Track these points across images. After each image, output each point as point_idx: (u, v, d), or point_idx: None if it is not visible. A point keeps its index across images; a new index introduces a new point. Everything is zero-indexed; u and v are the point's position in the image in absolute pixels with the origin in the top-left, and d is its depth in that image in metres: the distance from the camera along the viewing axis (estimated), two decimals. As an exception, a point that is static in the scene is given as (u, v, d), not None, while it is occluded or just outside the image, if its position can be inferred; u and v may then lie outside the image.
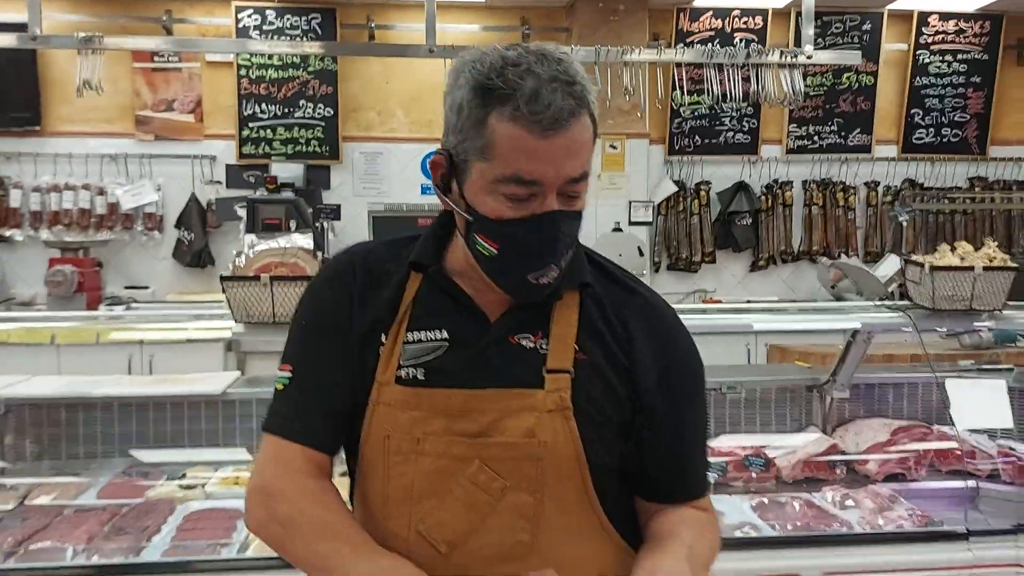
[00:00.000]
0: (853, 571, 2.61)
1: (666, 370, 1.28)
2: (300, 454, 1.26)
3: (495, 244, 1.20)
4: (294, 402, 1.28)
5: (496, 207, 1.17)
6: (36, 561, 2.44)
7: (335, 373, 1.27)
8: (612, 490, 1.27)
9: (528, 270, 1.20)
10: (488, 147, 1.15)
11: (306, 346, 1.30)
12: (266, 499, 1.24)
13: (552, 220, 1.17)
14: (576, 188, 1.18)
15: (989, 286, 2.95)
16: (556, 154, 1.13)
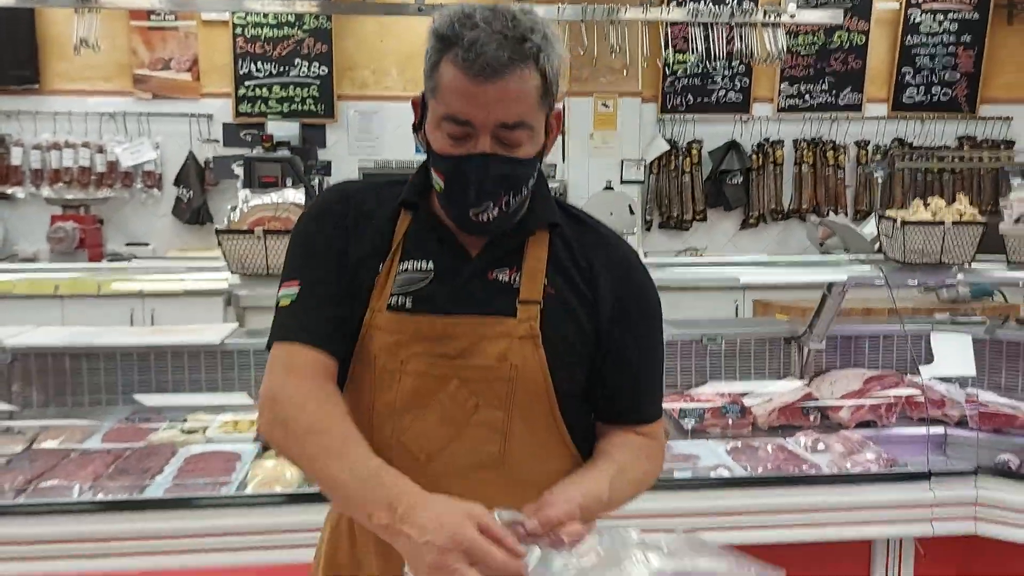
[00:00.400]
0: (819, 509, 2.74)
1: (621, 300, 1.39)
2: (307, 357, 1.34)
3: (441, 177, 1.33)
4: (301, 311, 1.36)
5: (441, 143, 1.30)
6: (45, 497, 2.57)
7: (339, 286, 1.37)
8: (574, 411, 1.40)
9: (468, 206, 1.31)
10: (436, 88, 1.28)
11: (310, 263, 1.39)
12: (272, 403, 1.33)
13: (483, 160, 1.28)
14: (511, 135, 1.28)
15: (958, 240, 3.04)
16: (486, 99, 1.24)
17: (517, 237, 1.39)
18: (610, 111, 6.38)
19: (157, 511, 2.51)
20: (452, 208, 1.35)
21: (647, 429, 1.45)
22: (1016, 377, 3.50)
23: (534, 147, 1.32)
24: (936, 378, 3.35)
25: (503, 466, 1.34)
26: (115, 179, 6.03)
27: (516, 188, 1.32)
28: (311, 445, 1.27)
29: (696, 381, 3.48)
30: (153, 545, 2.48)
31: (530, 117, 1.29)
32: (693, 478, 2.78)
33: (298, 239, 1.44)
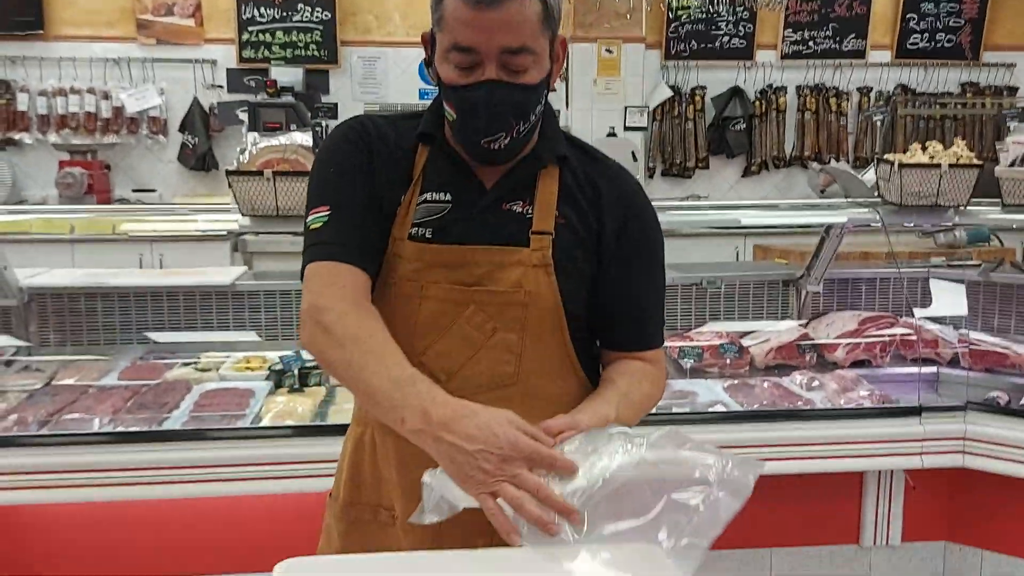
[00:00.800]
0: (813, 443, 2.83)
1: (626, 230, 1.46)
2: (344, 272, 1.37)
3: (453, 108, 1.38)
4: (333, 232, 1.39)
5: (450, 74, 1.35)
6: (67, 429, 2.68)
7: (366, 210, 1.41)
8: (581, 337, 1.48)
9: (479, 135, 1.37)
10: (441, 19, 1.32)
11: (339, 187, 1.42)
12: (315, 312, 1.34)
13: (491, 87, 1.32)
14: (516, 60, 1.32)
15: (954, 183, 3.08)
16: (489, 25, 1.28)
17: (529, 170, 1.44)
18: (614, 57, 6.37)
19: (177, 442, 2.62)
20: (464, 137, 1.40)
21: (649, 355, 1.52)
22: (1009, 318, 3.57)
23: (540, 73, 1.36)
24: (930, 319, 3.43)
25: (517, 384, 1.42)
26: (121, 125, 6.06)
27: (524, 115, 1.37)
28: (351, 351, 1.31)
29: (696, 323, 3.55)
30: (173, 474, 2.59)
31: (533, 42, 1.33)
32: (691, 412, 2.87)
33: (322, 166, 1.47)
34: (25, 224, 2.94)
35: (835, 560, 3.14)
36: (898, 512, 3.11)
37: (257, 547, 2.84)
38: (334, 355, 1.33)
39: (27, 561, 2.82)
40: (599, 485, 1.13)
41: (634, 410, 1.43)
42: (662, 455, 1.16)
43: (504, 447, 1.17)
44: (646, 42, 6.48)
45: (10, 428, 2.66)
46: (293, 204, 2.86)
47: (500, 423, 1.19)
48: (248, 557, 2.88)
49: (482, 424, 1.19)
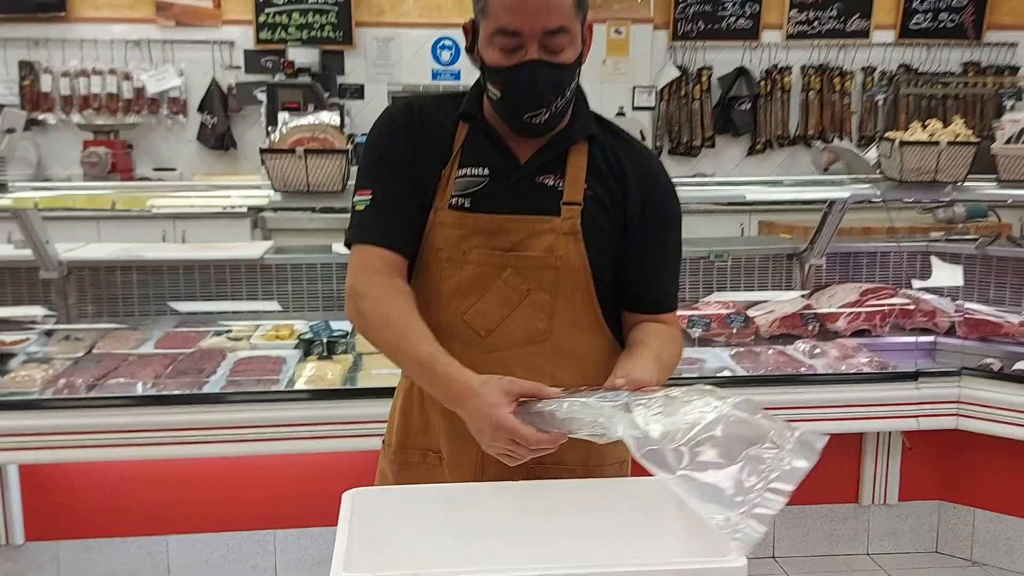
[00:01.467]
0: (814, 406, 2.99)
1: (647, 203, 1.61)
2: (379, 256, 1.55)
3: (498, 88, 1.52)
4: (373, 215, 1.57)
5: (494, 57, 1.50)
6: (114, 392, 2.85)
7: (406, 193, 1.58)
8: (607, 299, 1.63)
9: (523, 110, 1.51)
10: (485, 7, 1.47)
11: (381, 173, 1.60)
12: (353, 296, 1.56)
13: (533, 66, 1.47)
14: (554, 41, 1.47)
15: (952, 160, 3.21)
16: (531, 9, 1.44)
17: (561, 146, 1.59)
18: (622, 37, 6.49)
19: (219, 404, 2.79)
20: (509, 113, 1.55)
21: (668, 317, 1.67)
22: (1004, 290, 3.72)
23: (574, 53, 1.52)
24: (928, 291, 3.58)
25: (549, 340, 1.57)
26: (142, 105, 6.17)
27: (561, 91, 1.52)
28: (382, 334, 1.54)
29: (704, 295, 3.69)
30: (214, 435, 2.76)
31: (569, 23, 1.48)
32: (699, 377, 3.02)
33: (370, 150, 1.63)
34: (69, 200, 3.07)
35: (835, 518, 3.31)
36: (895, 472, 3.27)
37: (292, 503, 3.04)
38: (371, 336, 1.56)
39: (78, 517, 3.00)
40: (688, 431, 1.26)
41: (667, 369, 1.58)
42: (743, 417, 1.28)
43: (490, 428, 1.37)
44: (654, 23, 6.61)
45: (60, 391, 2.83)
46: (323, 180, 3.01)
47: (485, 408, 1.37)
48: (286, 512, 3.06)
49: (476, 407, 1.39)
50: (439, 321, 1.56)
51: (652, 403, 1.31)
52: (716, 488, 1.22)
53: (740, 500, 1.21)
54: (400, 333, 1.50)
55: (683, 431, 1.26)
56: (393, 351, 1.53)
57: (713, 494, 1.22)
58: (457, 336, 1.56)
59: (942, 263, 3.70)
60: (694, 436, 1.25)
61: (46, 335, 3.32)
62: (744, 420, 1.28)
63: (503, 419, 1.35)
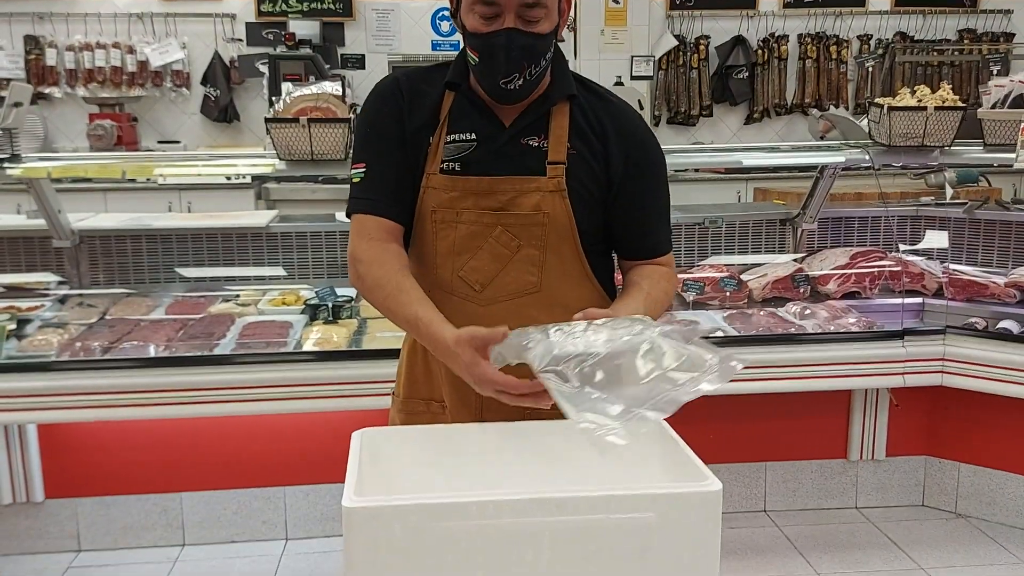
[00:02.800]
0: (804, 364, 3.08)
1: (629, 155, 1.70)
2: (375, 223, 1.66)
3: (476, 53, 1.62)
4: (368, 187, 1.69)
5: (474, 23, 1.59)
6: (129, 355, 2.95)
7: (397, 163, 1.68)
8: (595, 251, 1.73)
9: (498, 75, 1.61)
10: None
11: (372, 147, 1.70)
12: (353, 262, 1.68)
13: (509, 34, 1.57)
14: (531, 12, 1.56)
15: (939, 125, 3.28)
16: None
17: (543, 108, 1.68)
18: (620, 7, 6.53)
19: (230, 365, 2.89)
20: (485, 78, 1.64)
21: (662, 260, 1.78)
22: (991, 253, 3.80)
23: (549, 24, 1.61)
24: (916, 253, 3.67)
25: (540, 292, 1.68)
26: (146, 79, 6.25)
27: (536, 60, 1.61)
28: (376, 296, 1.65)
29: (699, 260, 3.78)
30: (226, 394, 2.86)
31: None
32: (693, 337, 3.12)
33: (362, 126, 1.75)
34: (80, 170, 3.16)
35: (824, 473, 3.43)
36: (883, 428, 3.38)
37: (301, 460, 3.16)
38: (369, 297, 1.67)
39: (95, 475, 3.12)
40: (597, 353, 1.34)
41: (657, 305, 1.68)
42: (669, 343, 1.35)
43: (476, 383, 1.47)
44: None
45: (77, 354, 2.94)
46: (326, 149, 3.09)
47: (464, 368, 1.47)
48: (295, 470, 3.18)
49: (458, 365, 1.49)
50: (436, 278, 1.67)
51: (575, 329, 1.39)
52: (602, 400, 1.28)
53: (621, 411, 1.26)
54: (391, 294, 1.61)
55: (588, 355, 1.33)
56: (387, 311, 1.65)
57: (594, 404, 1.28)
58: (454, 292, 1.67)
59: (931, 227, 3.79)
60: (597, 355, 1.33)
61: (60, 302, 3.41)
62: (660, 346, 1.33)
63: (483, 375, 1.44)
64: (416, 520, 1.20)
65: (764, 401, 3.25)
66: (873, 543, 3.20)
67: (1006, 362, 3.02)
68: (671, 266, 1.80)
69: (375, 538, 1.20)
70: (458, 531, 1.20)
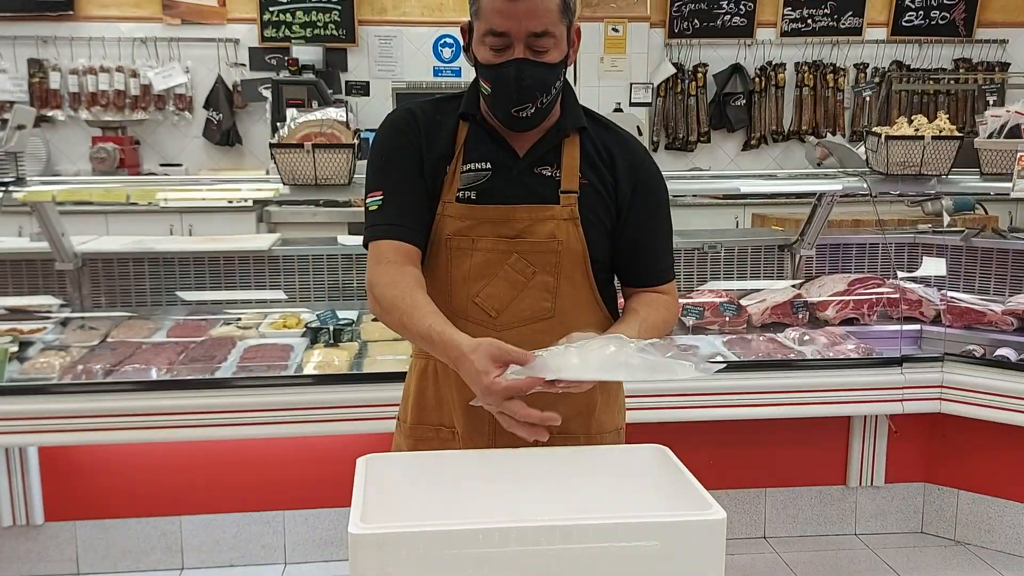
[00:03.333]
0: (804, 390, 3.09)
1: (636, 185, 1.74)
2: (392, 248, 1.67)
3: (488, 84, 1.65)
4: (386, 213, 1.70)
5: (485, 55, 1.63)
6: (130, 378, 2.96)
7: (415, 189, 1.71)
8: (603, 279, 1.76)
9: (510, 104, 1.64)
10: (479, 11, 1.60)
11: (389, 174, 1.72)
12: (370, 288, 1.69)
13: (519, 64, 1.60)
14: (539, 43, 1.60)
15: (937, 153, 3.32)
16: (519, 13, 1.57)
17: (555, 139, 1.72)
18: (620, 35, 6.60)
19: (232, 389, 2.90)
20: (498, 107, 1.67)
21: (664, 288, 1.81)
22: (989, 280, 3.83)
23: (559, 54, 1.64)
24: (914, 281, 3.69)
25: (553, 318, 1.70)
26: (148, 102, 6.29)
27: (546, 88, 1.65)
28: (393, 316, 1.64)
29: (698, 285, 3.79)
30: (227, 418, 2.86)
31: (554, 27, 1.61)
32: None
33: (376, 154, 1.76)
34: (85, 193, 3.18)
35: (824, 499, 3.43)
36: (882, 455, 3.39)
37: (301, 485, 3.16)
38: (386, 319, 1.67)
39: (95, 498, 3.12)
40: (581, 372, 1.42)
41: (652, 331, 1.70)
42: (646, 358, 1.41)
43: (481, 392, 1.46)
44: (650, 21, 6.73)
45: (78, 377, 2.95)
46: (330, 174, 3.12)
47: (474, 373, 1.47)
48: (294, 494, 3.18)
49: (468, 370, 1.48)
50: (451, 305, 1.69)
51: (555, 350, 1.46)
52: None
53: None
54: (406, 311, 1.62)
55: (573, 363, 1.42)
56: (402, 328, 1.65)
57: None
58: (469, 317, 1.69)
59: (928, 254, 3.82)
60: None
61: (62, 324, 3.42)
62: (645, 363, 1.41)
63: (491, 385, 1.44)
64: (422, 547, 1.21)
65: (763, 427, 3.26)
66: (872, 570, 3.20)
67: (1004, 390, 3.04)
68: (672, 295, 1.83)
69: (381, 565, 1.21)
70: (464, 559, 1.21)
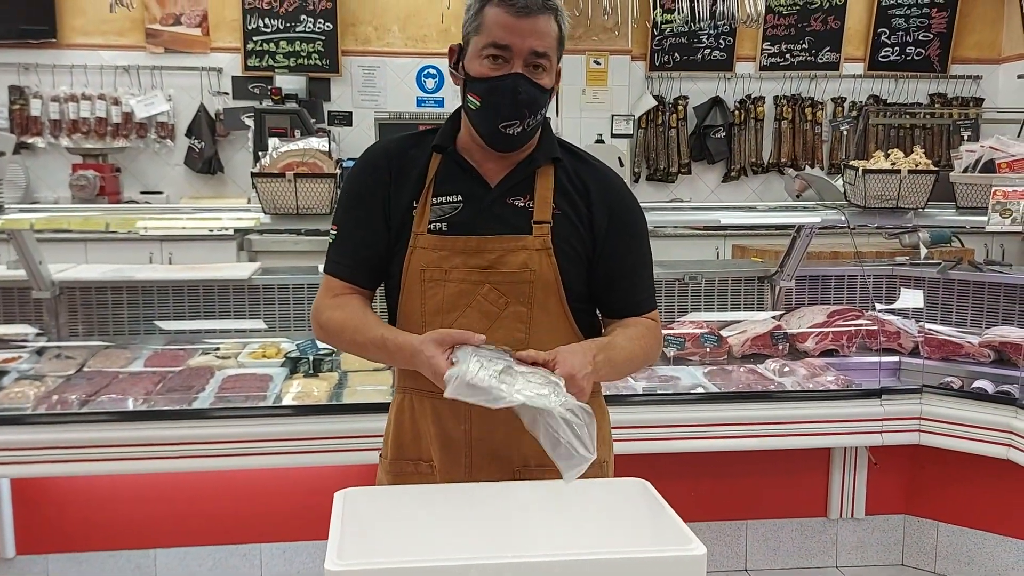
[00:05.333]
0: (783, 421, 3.10)
1: (612, 215, 1.75)
2: (339, 284, 1.76)
3: (478, 97, 1.66)
4: (336, 250, 1.77)
5: (481, 68, 1.64)
6: (106, 408, 2.92)
7: (372, 229, 1.74)
8: (579, 308, 1.76)
9: (499, 119, 1.65)
10: (480, 26, 1.63)
11: (348, 212, 1.77)
12: (315, 314, 1.76)
13: (516, 78, 1.63)
14: (539, 61, 1.63)
15: (913, 187, 3.36)
16: (523, 31, 1.60)
17: (528, 169, 1.73)
18: (601, 68, 6.68)
19: (206, 420, 2.86)
20: (485, 122, 1.68)
21: (649, 316, 1.81)
22: (965, 313, 3.86)
23: (549, 80, 1.68)
24: (892, 313, 3.72)
25: (527, 348, 1.68)
26: (130, 130, 6.26)
27: (535, 110, 1.67)
28: (343, 336, 1.72)
29: (679, 315, 3.82)
30: (205, 449, 2.83)
31: (551, 52, 1.65)
32: (673, 393, 3.14)
33: (344, 189, 1.81)
34: (63, 221, 3.16)
35: (805, 532, 3.43)
36: (862, 487, 3.39)
37: (278, 517, 3.13)
38: (335, 342, 1.78)
39: (68, 530, 3.07)
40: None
41: (617, 349, 1.69)
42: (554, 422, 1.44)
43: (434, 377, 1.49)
44: (632, 54, 6.81)
45: (53, 407, 2.91)
46: (312, 203, 3.12)
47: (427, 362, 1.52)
48: (272, 527, 3.14)
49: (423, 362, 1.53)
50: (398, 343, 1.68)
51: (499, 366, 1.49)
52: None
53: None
54: (357, 327, 1.68)
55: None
56: (356, 347, 1.71)
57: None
58: None
59: (906, 286, 3.85)
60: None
61: (38, 353, 3.38)
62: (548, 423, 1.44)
63: (441, 368, 1.48)
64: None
65: (744, 459, 3.26)
66: (854, 603, 3.19)
67: (982, 422, 3.05)
68: (656, 320, 1.82)
69: (359, 601, 1.19)
70: (442, 594, 1.20)
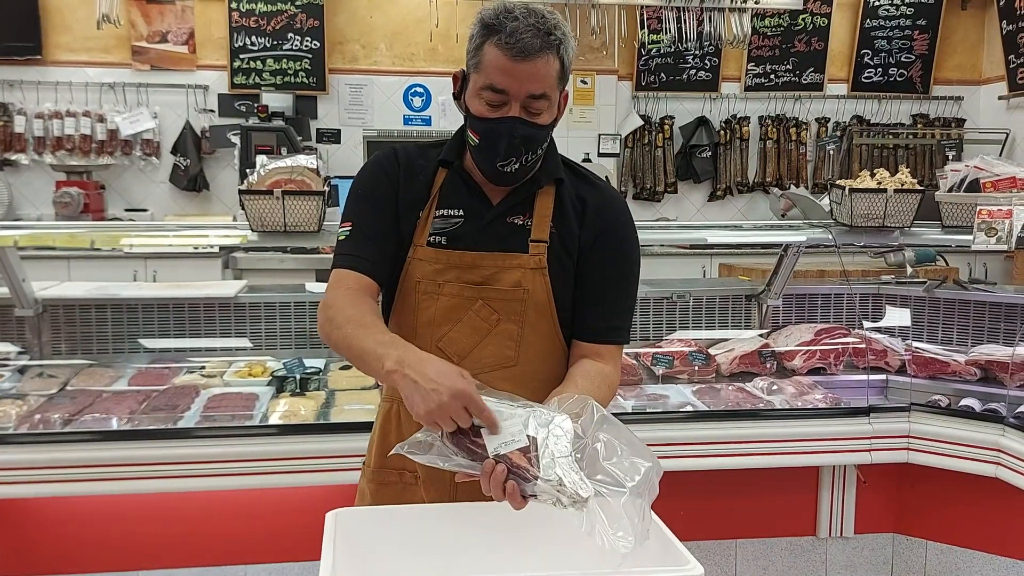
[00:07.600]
0: (772, 440, 3.10)
1: (601, 232, 1.74)
2: (352, 277, 1.68)
3: (477, 136, 1.66)
4: (352, 244, 1.71)
5: (480, 108, 1.64)
6: (89, 427, 2.88)
7: (384, 227, 1.72)
8: (570, 324, 1.75)
9: (497, 159, 1.65)
10: (479, 64, 1.62)
11: (362, 208, 1.74)
12: (324, 308, 1.67)
13: (512, 122, 1.62)
14: (536, 104, 1.62)
15: (899, 206, 3.39)
16: (520, 74, 1.58)
17: (530, 189, 1.73)
18: (588, 87, 6.71)
19: (191, 440, 2.83)
20: (484, 160, 1.68)
21: (606, 351, 1.74)
22: (951, 331, 3.88)
23: (549, 116, 1.67)
24: (879, 331, 3.74)
25: (517, 366, 1.70)
26: (115, 147, 6.21)
27: (533, 148, 1.67)
28: (347, 328, 1.59)
29: (667, 334, 3.81)
30: (190, 469, 2.79)
31: (551, 92, 1.64)
32: (662, 412, 3.13)
33: (354, 188, 1.78)
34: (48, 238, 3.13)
35: (794, 551, 3.41)
36: (851, 505, 3.38)
37: (264, 538, 3.08)
38: (336, 335, 1.62)
39: (50, 552, 3.01)
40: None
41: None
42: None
43: (450, 390, 1.38)
44: (618, 74, 6.85)
45: (35, 426, 2.86)
46: (299, 221, 3.10)
47: (452, 374, 1.41)
48: (257, 547, 3.10)
49: (439, 371, 1.42)
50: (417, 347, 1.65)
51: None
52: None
53: None
54: (365, 324, 1.59)
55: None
56: (352, 341, 1.59)
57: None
58: None
59: (892, 305, 3.87)
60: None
61: (20, 372, 3.34)
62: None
63: (467, 386, 1.39)
64: (394, 605, 1.17)
65: (734, 478, 3.25)
66: (844, 623, 3.17)
67: (970, 440, 3.06)
68: (613, 363, 1.75)
69: (352, 623, 1.17)
70: (437, 616, 1.18)
